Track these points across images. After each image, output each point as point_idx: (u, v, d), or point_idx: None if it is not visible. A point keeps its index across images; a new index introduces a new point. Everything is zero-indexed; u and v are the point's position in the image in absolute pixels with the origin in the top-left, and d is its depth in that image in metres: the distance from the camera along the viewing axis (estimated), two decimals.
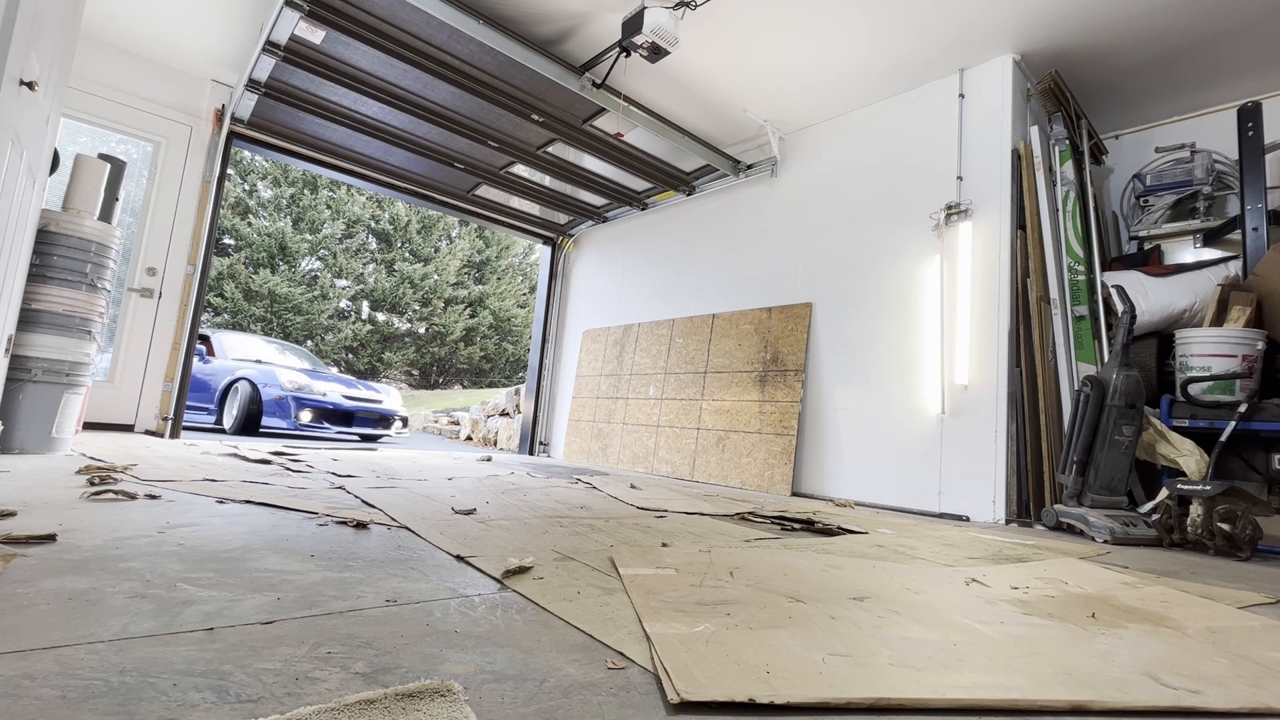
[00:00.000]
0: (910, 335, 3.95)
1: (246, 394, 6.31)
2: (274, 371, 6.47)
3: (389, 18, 3.73)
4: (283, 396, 6.28)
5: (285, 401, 6.26)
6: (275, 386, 6.35)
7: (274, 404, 6.24)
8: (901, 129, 4.26)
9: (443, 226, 19.84)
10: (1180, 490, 2.66)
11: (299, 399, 6.33)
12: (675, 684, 0.83)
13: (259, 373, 6.46)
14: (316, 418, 6.42)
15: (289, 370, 6.68)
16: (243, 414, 6.24)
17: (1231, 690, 0.97)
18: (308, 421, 6.36)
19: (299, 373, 6.70)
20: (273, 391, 6.32)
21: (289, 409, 6.25)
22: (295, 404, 6.28)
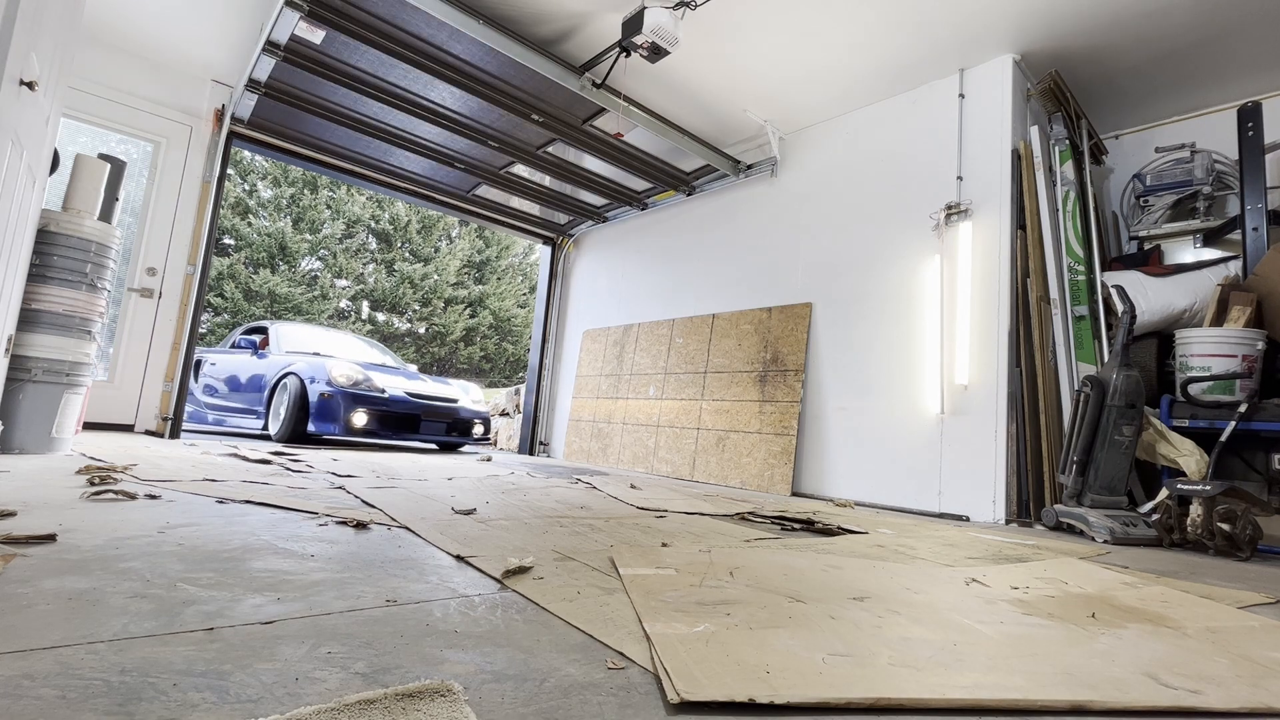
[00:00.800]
0: (910, 335, 3.95)
1: (294, 391, 5.12)
2: (323, 363, 5.23)
3: (389, 18, 3.73)
4: (330, 394, 4.98)
5: (334, 400, 4.96)
6: (322, 381, 5.03)
7: (321, 404, 5.00)
8: (901, 129, 4.26)
9: (443, 226, 19.84)
10: (1180, 490, 2.66)
11: (351, 395, 5.05)
12: (675, 684, 0.83)
13: (308, 365, 5.27)
14: (373, 421, 5.13)
15: (343, 362, 5.37)
16: (290, 416, 5.09)
17: (1231, 690, 0.97)
18: (362, 426, 5.05)
19: (355, 365, 5.40)
20: (319, 388, 5.03)
21: (337, 409, 4.97)
22: (345, 403, 4.99)
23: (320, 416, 4.98)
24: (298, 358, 5.54)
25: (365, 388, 5.20)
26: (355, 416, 5.00)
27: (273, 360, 5.69)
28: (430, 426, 5.50)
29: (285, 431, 5.07)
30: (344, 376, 5.10)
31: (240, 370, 5.86)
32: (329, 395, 4.95)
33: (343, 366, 5.21)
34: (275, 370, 5.47)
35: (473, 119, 4.80)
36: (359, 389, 5.14)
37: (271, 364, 5.63)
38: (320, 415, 4.98)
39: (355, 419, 4.99)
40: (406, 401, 5.40)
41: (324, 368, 5.13)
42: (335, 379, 5.04)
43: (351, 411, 5.00)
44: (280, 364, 5.50)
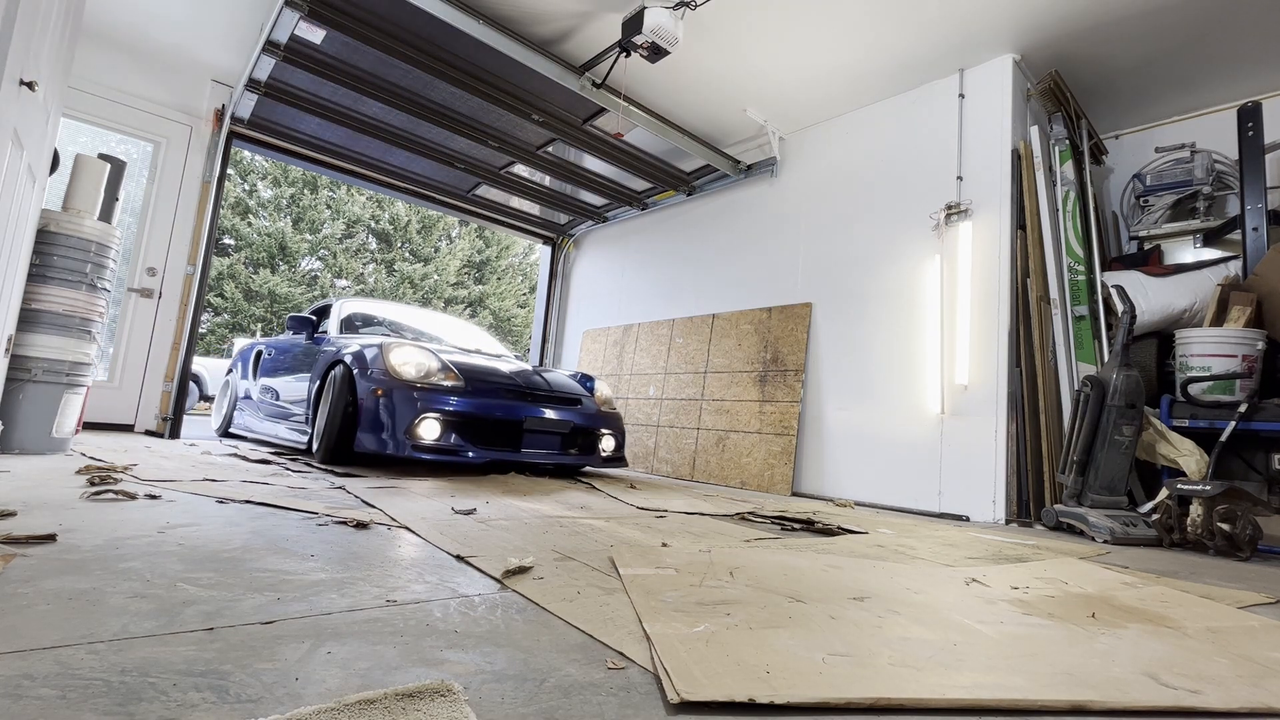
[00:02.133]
0: (910, 335, 3.95)
1: (339, 388, 3.51)
2: (378, 347, 3.54)
3: (389, 17, 3.73)
4: (385, 391, 3.30)
5: (389, 400, 3.28)
6: (375, 372, 3.39)
7: (373, 405, 3.32)
8: (902, 129, 4.26)
9: (443, 226, 19.84)
10: (1180, 490, 2.66)
11: (416, 393, 3.30)
12: (675, 684, 0.83)
13: (360, 351, 3.60)
14: (450, 431, 3.32)
15: (406, 345, 3.62)
16: (331, 424, 3.44)
17: (1231, 690, 0.97)
18: (433, 441, 3.25)
19: (424, 349, 3.63)
20: (369, 382, 3.37)
21: (394, 415, 3.25)
22: (407, 404, 3.26)
23: (370, 426, 3.29)
24: (352, 340, 3.88)
25: (438, 380, 3.41)
26: (423, 425, 3.21)
27: (326, 351, 4.00)
28: (539, 438, 3.60)
29: (326, 446, 3.42)
30: (407, 364, 3.41)
31: (291, 362, 4.48)
32: (383, 393, 3.26)
33: (405, 351, 3.48)
34: (324, 361, 3.89)
35: (473, 119, 4.80)
36: (429, 382, 3.38)
37: (324, 354, 3.99)
38: (369, 424, 3.29)
39: (422, 429, 3.21)
40: (502, 401, 3.53)
41: (378, 353, 3.46)
42: (394, 368, 3.35)
43: (417, 417, 3.21)
44: (331, 351, 3.88)
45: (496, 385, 3.65)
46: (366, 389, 3.37)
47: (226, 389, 5.56)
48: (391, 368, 3.39)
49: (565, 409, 3.81)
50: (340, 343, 3.94)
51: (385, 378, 3.36)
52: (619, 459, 4.06)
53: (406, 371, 3.39)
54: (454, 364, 3.65)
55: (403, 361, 3.45)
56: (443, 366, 3.54)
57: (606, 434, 3.96)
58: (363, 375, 3.43)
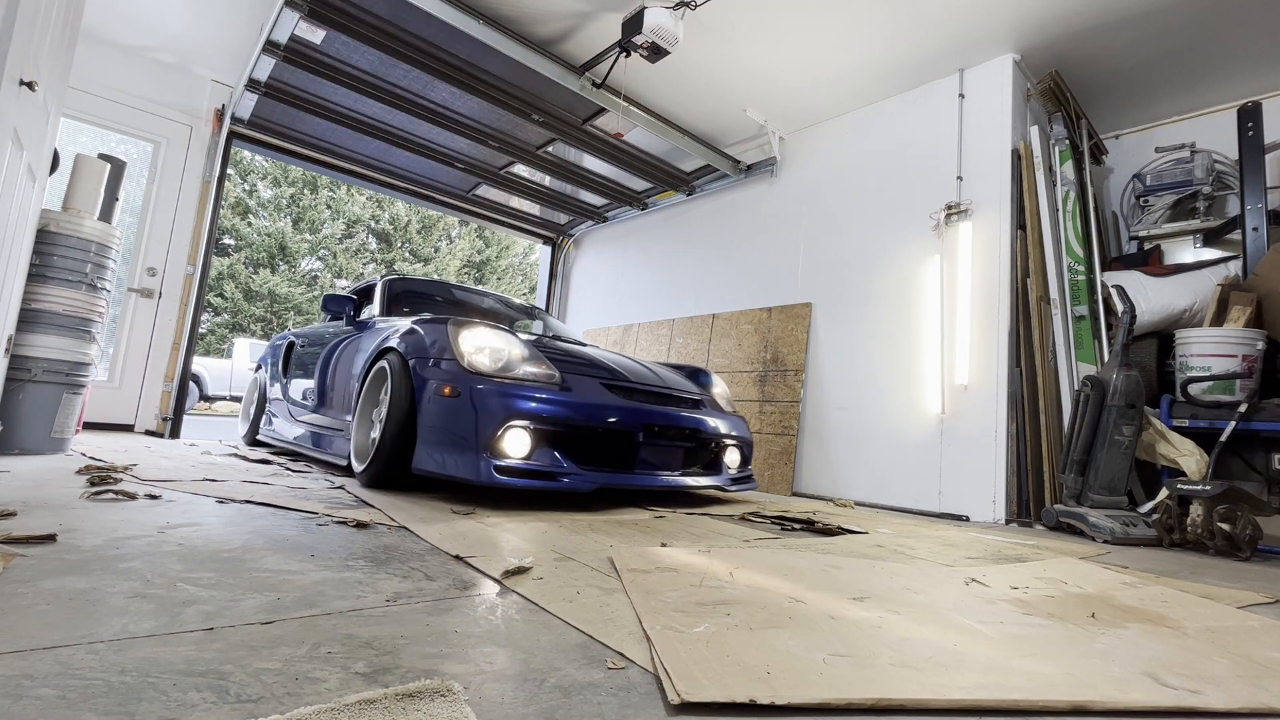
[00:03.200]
0: (910, 335, 3.95)
1: (393, 385, 2.63)
2: (445, 329, 2.64)
3: (389, 18, 3.73)
4: (455, 387, 2.45)
5: (463, 400, 2.42)
6: (441, 362, 2.55)
7: (438, 409, 2.47)
8: (901, 129, 4.26)
9: (443, 226, 19.85)
10: (1180, 490, 2.66)
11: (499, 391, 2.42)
12: (675, 684, 0.83)
13: (418, 334, 2.73)
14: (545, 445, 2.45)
15: (480, 326, 2.72)
16: (387, 432, 2.54)
17: (1231, 690, 0.97)
18: (522, 460, 2.38)
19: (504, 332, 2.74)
20: (435, 378, 2.51)
21: (471, 422, 2.38)
22: (486, 407, 2.38)
23: (433, 438, 2.43)
24: (405, 321, 2.95)
25: (526, 373, 2.55)
26: (509, 438, 2.35)
27: (371, 337, 3.13)
28: (658, 454, 2.72)
29: (374, 466, 2.55)
30: (482, 350, 2.55)
31: (328, 355, 3.54)
32: (452, 391, 2.42)
33: (479, 333, 2.62)
34: (369, 349, 3.00)
35: (473, 119, 4.80)
36: (514, 375, 2.51)
37: (367, 339, 3.14)
38: (433, 435, 2.43)
39: (508, 442, 2.35)
40: (612, 402, 2.62)
41: (444, 336, 2.59)
42: (465, 356, 2.50)
43: (501, 426, 2.34)
44: (379, 338, 2.98)
45: (600, 380, 2.73)
46: (428, 385, 2.48)
47: (254, 390, 4.74)
48: (462, 355, 2.49)
49: (688, 412, 2.88)
50: (389, 325, 3.07)
51: (455, 369, 2.46)
52: (748, 478, 3.16)
53: (481, 361, 2.50)
54: (545, 350, 2.81)
55: (476, 346, 2.55)
56: (530, 353, 2.63)
57: (731, 444, 3.04)
58: (422, 366, 2.55)
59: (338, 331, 3.67)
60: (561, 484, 2.40)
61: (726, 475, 3.03)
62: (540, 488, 2.38)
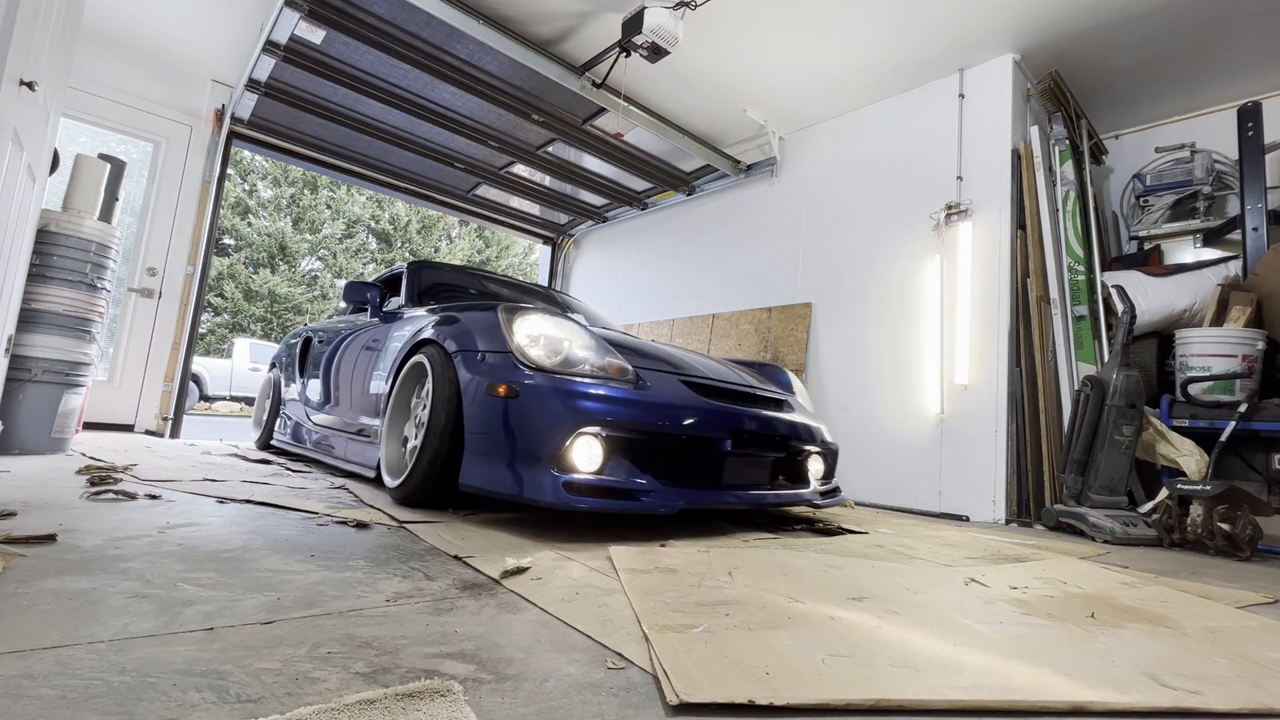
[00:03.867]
0: (910, 335, 3.95)
1: (434, 384, 2.22)
2: (497, 316, 2.20)
3: (389, 18, 3.73)
4: (512, 387, 1.97)
5: (522, 403, 1.94)
6: (493, 356, 2.10)
7: (489, 410, 2.00)
8: (901, 129, 4.26)
9: (443, 226, 19.84)
10: (1180, 490, 2.66)
11: (565, 390, 1.94)
12: (674, 685, 0.83)
13: (461, 323, 2.34)
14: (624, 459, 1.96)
15: (538, 314, 2.25)
16: (431, 444, 2.10)
17: (1231, 690, 0.97)
18: (593, 475, 1.88)
19: (567, 321, 2.29)
20: (482, 375, 2.07)
21: (535, 428, 1.90)
22: (558, 412, 1.89)
23: (485, 448, 2.01)
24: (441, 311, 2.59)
25: (594, 368, 2.12)
26: (578, 448, 1.91)
27: (402, 327, 2.77)
28: (745, 466, 2.29)
29: (413, 480, 2.15)
30: (542, 341, 2.13)
31: (351, 350, 3.20)
32: (509, 390, 1.99)
33: (536, 321, 2.21)
34: (401, 343, 2.64)
35: (473, 119, 4.80)
36: (581, 372, 2.09)
37: (398, 332, 2.77)
38: (485, 444, 2.01)
39: (578, 453, 1.91)
40: (697, 404, 2.17)
41: (494, 324, 2.19)
42: (523, 348, 2.09)
43: (570, 433, 1.90)
44: (412, 329, 2.62)
45: (679, 377, 2.28)
46: (476, 383, 2.05)
47: (267, 391, 4.34)
48: (518, 346, 2.07)
49: (780, 415, 2.47)
50: (421, 315, 2.70)
51: (510, 363, 2.03)
52: (836, 490, 2.72)
53: (540, 353, 2.07)
54: (614, 342, 2.35)
55: (534, 335, 2.11)
56: (597, 344, 2.19)
57: (815, 452, 2.61)
58: (469, 360, 2.13)
59: (361, 324, 3.28)
60: (641, 504, 1.92)
61: (814, 487, 2.58)
62: (618, 509, 1.90)
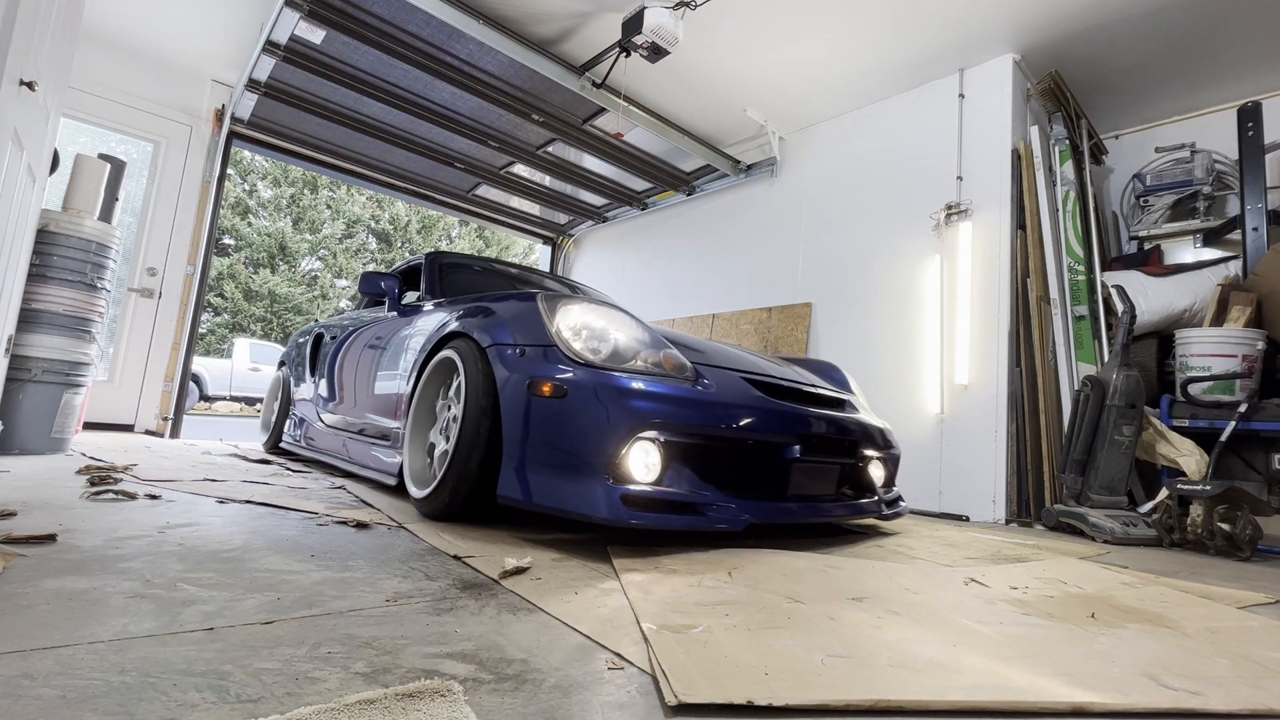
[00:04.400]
0: (910, 335, 3.95)
1: (470, 377, 1.93)
2: (537, 305, 1.94)
3: (389, 18, 3.73)
4: (555, 387, 1.71)
5: (568, 403, 1.69)
6: (534, 351, 1.83)
7: (532, 411, 1.74)
8: (901, 129, 4.26)
9: (443, 226, 19.84)
10: (1180, 490, 2.66)
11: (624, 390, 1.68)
12: (673, 685, 0.83)
13: (497, 315, 2.04)
14: (684, 469, 1.74)
15: (586, 303, 1.99)
16: (464, 451, 1.84)
17: (1232, 691, 0.97)
18: (651, 484, 1.65)
19: (611, 307, 2.03)
20: (522, 372, 1.80)
21: (586, 433, 1.64)
22: (612, 415, 1.63)
23: (530, 456, 1.74)
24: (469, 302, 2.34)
25: (649, 364, 1.87)
26: (634, 454, 1.66)
27: (425, 319, 2.54)
28: (811, 475, 2.05)
29: (447, 493, 1.89)
30: (589, 333, 1.89)
31: (367, 347, 2.96)
32: (554, 389, 1.73)
33: (583, 310, 1.97)
34: (424, 338, 2.39)
35: (473, 119, 4.80)
36: (634, 368, 1.82)
37: (420, 326, 2.53)
38: (529, 452, 1.74)
39: (634, 461, 1.65)
40: (763, 406, 1.92)
41: (534, 314, 1.95)
42: (569, 341, 1.84)
43: (626, 437, 1.64)
44: (436, 322, 2.39)
45: (741, 375, 2.04)
46: (516, 382, 1.80)
47: (276, 391, 4.16)
48: (563, 339, 1.82)
49: (849, 416, 2.26)
50: (445, 308, 2.45)
51: (555, 358, 1.78)
52: (899, 500, 2.48)
53: (588, 346, 1.82)
54: (669, 336, 2.14)
55: (579, 326, 1.88)
56: (653, 338, 1.95)
57: (878, 458, 2.36)
58: (506, 357, 1.87)
59: (377, 318, 3.06)
60: (707, 519, 1.69)
61: (879, 498, 2.34)
62: (681, 526, 1.67)
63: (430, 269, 3.10)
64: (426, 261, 3.16)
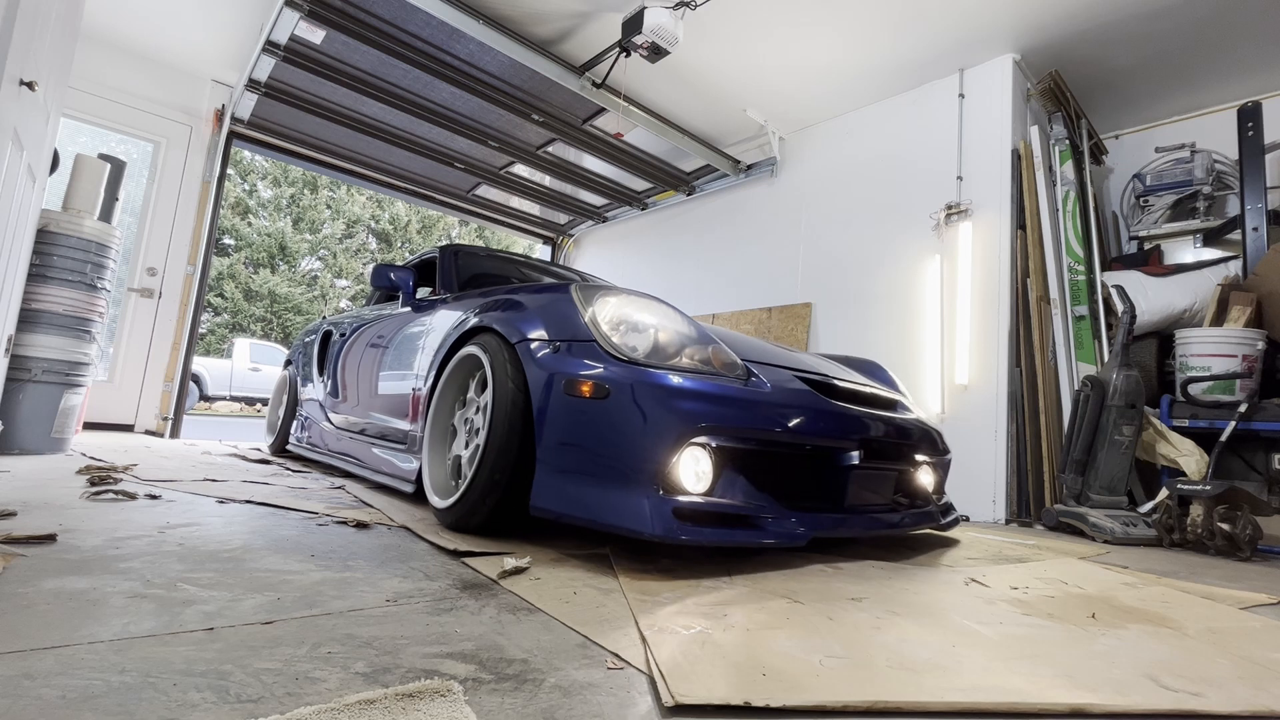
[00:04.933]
0: (910, 335, 3.95)
1: (499, 376, 1.75)
2: (571, 296, 1.79)
3: (389, 18, 3.73)
4: (596, 386, 1.55)
5: (611, 404, 1.52)
6: (579, 344, 1.67)
7: (569, 413, 1.58)
8: (901, 129, 4.26)
9: (443, 226, 19.84)
10: (1180, 490, 2.66)
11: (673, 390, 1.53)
12: (670, 686, 0.83)
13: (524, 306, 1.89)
14: (729, 473, 1.57)
15: (624, 294, 1.83)
16: (493, 458, 1.66)
17: (1232, 692, 0.96)
18: (702, 494, 1.50)
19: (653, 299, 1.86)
20: (557, 370, 1.63)
21: (631, 437, 1.49)
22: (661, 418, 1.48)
23: (567, 463, 1.58)
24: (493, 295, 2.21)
25: (697, 361, 1.71)
26: (685, 461, 1.51)
27: (443, 314, 2.39)
28: (869, 483, 1.88)
29: (474, 504, 1.71)
30: (629, 327, 1.73)
31: (379, 344, 2.82)
32: (595, 389, 1.56)
33: (624, 302, 1.81)
34: (446, 332, 2.23)
35: (473, 119, 4.80)
36: (681, 364, 1.67)
37: (437, 322, 2.38)
38: (566, 459, 1.58)
39: (684, 469, 1.51)
40: (820, 408, 1.77)
41: (569, 306, 1.79)
42: (608, 339, 1.67)
43: (676, 442, 1.49)
44: (457, 315, 2.23)
45: (794, 374, 1.90)
46: (551, 381, 1.64)
47: (282, 391, 4.04)
48: (604, 335, 1.67)
49: (905, 419, 2.13)
50: (469, 303, 2.24)
51: (594, 354, 1.63)
52: (952, 508, 2.34)
53: (630, 342, 1.67)
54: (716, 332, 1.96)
55: (619, 319, 1.73)
56: (700, 333, 1.80)
57: (926, 464, 2.18)
58: (539, 354, 1.71)
59: (390, 314, 2.92)
60: (767, 535, 1.54)
61: (935, 506, 2.20)
62: (740, 543, 1.52)
63: (446, 262, 2.95)
64: (441, 254, 3.02)
